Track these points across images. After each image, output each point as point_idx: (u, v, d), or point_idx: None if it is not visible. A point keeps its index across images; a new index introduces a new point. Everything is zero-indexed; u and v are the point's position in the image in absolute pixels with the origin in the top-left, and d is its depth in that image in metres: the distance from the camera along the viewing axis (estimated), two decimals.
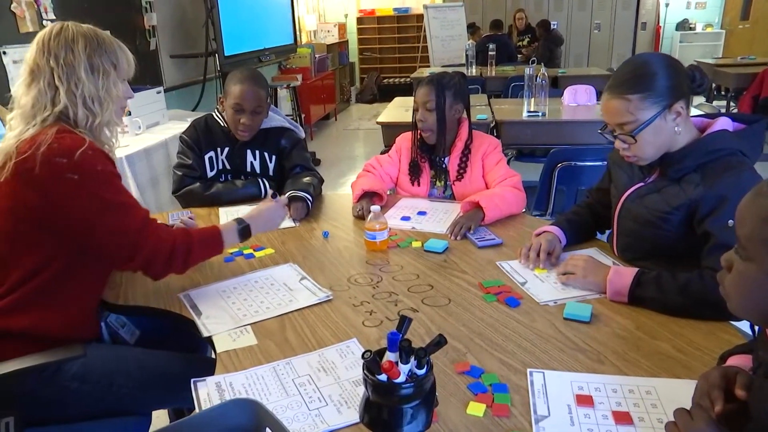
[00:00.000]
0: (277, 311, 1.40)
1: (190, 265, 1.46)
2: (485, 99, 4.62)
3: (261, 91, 2.10)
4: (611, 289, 1.38)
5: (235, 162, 2.21)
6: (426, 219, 1.97)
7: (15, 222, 1.30)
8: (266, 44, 5.70)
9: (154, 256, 1.38)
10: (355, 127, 8.34)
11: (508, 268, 1.58)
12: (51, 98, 1.33)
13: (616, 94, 1.40)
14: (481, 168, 2.11)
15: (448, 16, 8.58)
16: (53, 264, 1.33)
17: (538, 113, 3.83)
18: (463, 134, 2.13)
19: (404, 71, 10.54)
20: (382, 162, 2.27)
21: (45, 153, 1.25)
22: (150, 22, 4.46)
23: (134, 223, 1.36)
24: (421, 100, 2.06)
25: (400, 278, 1.56)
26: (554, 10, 9.54)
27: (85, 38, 1.36)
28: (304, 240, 1.85)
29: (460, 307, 1.40)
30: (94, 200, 1.30)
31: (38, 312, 1.32)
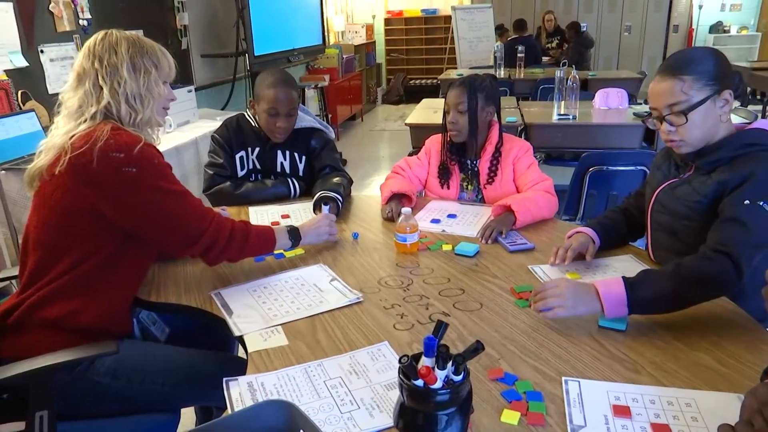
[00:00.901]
0: (307, 312, 1.40)
1: (245, 254, 1.55)
2: (514, 101, 4.59)
3: (293, 93, 2.11)
4: (608, 305, 1.25)
5: (266, 162, 2.22)
6: (456, 222, 1.96)
7: (68, 215, 1.35)
8: (295, 44, 5.74)
9: (216, 240, 1.46)
10: (381, 128, 8.34)
11: (540, 273, 1.56)
12: (96, 97, 1.39)
13: (670, 74, 1.41)
14: (512, 172, 2.09)
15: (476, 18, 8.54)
16: (97, 255, 1.37)
17: (569, 116, 3.79)
18: (494, 137, 2.11)
19: (431, 73, 10.52)
20: (411, 164, 2.26)
21: (102, 148, 1.30)
22: (182, 22, 4.53)
23: (195, 209, 1.44)
24: (453, 101, 2.05)
25: (430, 281, 1.55)
26: (584, 11, 9.42)
27: (128, 41, 1.43)
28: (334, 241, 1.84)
29: (492, 312, 1.38)
30: (155, 191, 1.36)
31: (76, 301, 1.36)
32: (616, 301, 1.26)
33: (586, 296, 1.28)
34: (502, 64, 6.58)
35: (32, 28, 3.19)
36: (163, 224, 1.40)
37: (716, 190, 1.39)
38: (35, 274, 1.38)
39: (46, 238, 1.38)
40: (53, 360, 1.26)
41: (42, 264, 1.38)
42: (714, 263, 1.26)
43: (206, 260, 1.51)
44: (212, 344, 1.70)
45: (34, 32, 3.20)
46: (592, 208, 2.79)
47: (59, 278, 1.36)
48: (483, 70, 6.35)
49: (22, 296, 1.38)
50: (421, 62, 10.82)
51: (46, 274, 1.37)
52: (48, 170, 1.36)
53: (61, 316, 1.35)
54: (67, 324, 1.35)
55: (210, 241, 1.45)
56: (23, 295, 1.38)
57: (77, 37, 3.49)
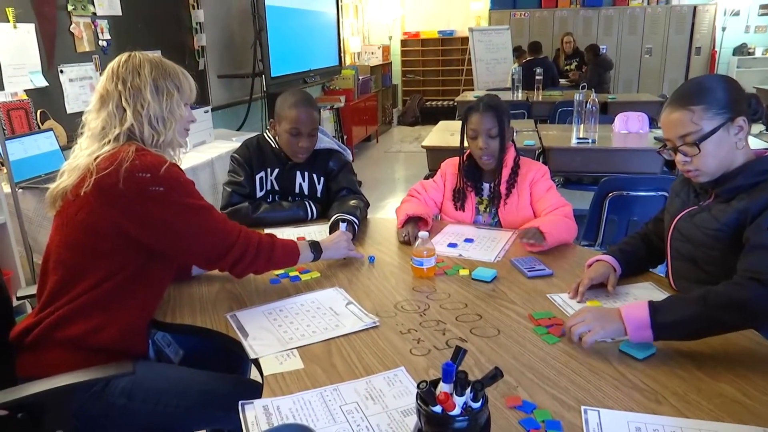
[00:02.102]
0: (323, 335, 1.41)
1: (271, 266, 1.60)
2: (532, 124, 4.61)
3: (315, 113, 2.16)
4: (631, 327, 1.28)
5: (284, 183, 2.26)
6: (473, 246, 1.97)
7: (92, 235, 1.39)
8: (311, 66, 5.84)
9: (244, 253, 1.51)
10: (396, 149, 8.40)
11: (559, 301, 1.57)
12: (119, 119, 1.44)
13: (679, 106, 1.43)
14: (529, 195, 2.11)
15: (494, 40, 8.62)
16: (118, 276, 1.41)
17: (588, 140, 3.80)
18: (510, 160, 2.13)
19: (447, 94, 10.61)
20: (426, 187, 2.29)
21: (128, 169, 1.35)
22: (199, 43, 4.64)
23: (222, 223, 1.50)
24: (484, 127, 2.06)
25: (447, 306, 1.56)
26: (603, 34, 9.48)
27: (151, 64, 1.47)
28: (350, 264, 1.87)
29: (510, 338, 1.39)
30: (182, 207, 1.41)
31: (94, 321, 1.39)
32: (639, 324, 1.28)
33: (610, 318, 1.33)
34: (520, 86, 6.62)
35: (53, 49, 3.29)
36: (192, 239, 1.44)
37: (737, 219, 1.39)
38: (55, 294, 1.41)
39: (68, 258, 1.41)
40: (70, 380, 1.29)
41: (63, 284, 1.41)
42: (744, 289, 1.25)
43: (235, 273, 1.55)
44: (226, 367, 1.72)
45: (55, 52, 3.30)
46: (612, 234, 2.79)
47: (79, 298, 1.39)
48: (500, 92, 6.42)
49: (41, 315, 1.41)
50: (438, 83, 10.92)
51: (66, 293, 1.40)
52: (72, 191, 1.40)
53: (79, 336, 1.38)
54: (85, 343, 1.38)
55: (239, 254, 1.50)
56: (42, 314, 1.41)
57: (96, 58, 3.58)
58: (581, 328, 1.33)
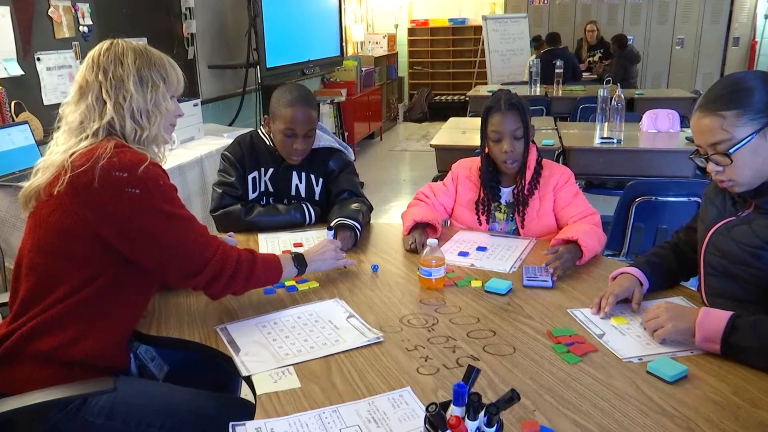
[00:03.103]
0: (322, 351, 1.41)
1: (251, 286, 1.57)
2: (551, 122, 4.61)
3: (313, 112, 2.15)
4: (701, 334, 1.34)
5: (279, 184, 2.26)
6: (486, 256, 1.97)
7: (65, 238, 1.39)
8: (310, 56, 5.86)
9: (220, 271, 1.48)
10: (402, 148, 8.42)
11: (581, 317, 1.56)
12: (99, 112, 1.43)
13: (709, 110, 1.41)
14: (552, 201, 2.11)
15: (510, 29, 8.64)
16: (95, 283, 1.41)
17: (613, 140, 3.80)
18: (532, 162, 2.13)
19: (458, 88, 10.63)
20: (436, 190, 2.29)
21: (104, 167, 1.35)
22: (189, 30, 4.66)
23: (200, 237, 1.47)
24: (509, 128, 2.05)
25: (458, 321, 1.56)
26: (630, 23, 9.49)
27: (135, 52, 1.47)
28: (352, 273, 1.87)
29: (527, 357, 1.39)
30: (158, 214, 1.40)
31: (70, 332, 1.39)
32: (710, 335, 1.32)
33: (685, 317, 1.38)
34: (538, 80, 6.63)
35: (30, 35, 3.30)
36: (164, 251, 1.43)
37: None
38: (28, 302, 1.42)
39: (41, 263, 1.41)
40: (45, 396, 1.29)
41: (35, 291, 1.41)
42: None
43: (209, 293, 1.53)
44: (215, 384, 1.72)
45: (32, 39, 3.32)
46: (638, 243, 2.79)
47: (54, 307, 1.39)
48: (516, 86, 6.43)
49: (13, 326, 1.41)
50: (448, 77, 10.94)
51: (40, 302, 1.40)
52: (46, 190, 1.40)
53: (54, 348, 1.38)
54: (61, 357, 1.38)
55: (214, 272, 1.47)
56: (14, 325, 1.41)
57: (76, 45, 3.60)
58: (653, 325, 1.41)
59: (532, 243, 2.07)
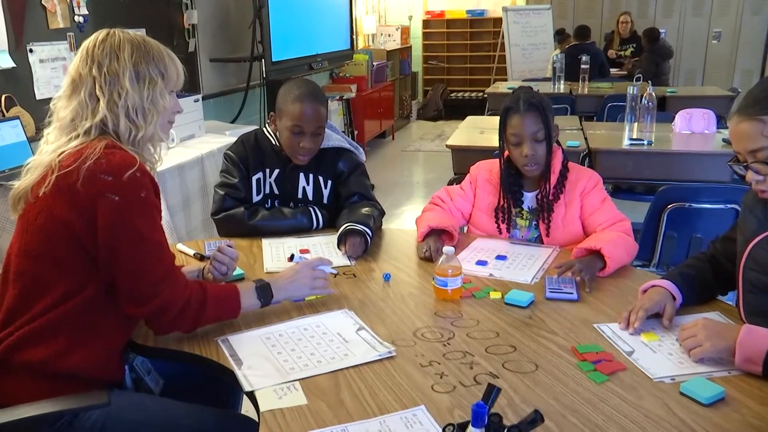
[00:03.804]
0: (330, 366, 1.41)
1: (199, 325, 1.53)
2: (576, 121, 4.60)
3: (322, 109, 2.16)
4: (742, 354, 1.33)
5: (285, 186, 2.27)
6: (506, 265, 1.97)
7: (52, 242, 1.39)
8: (319, 49, 5.88)
9: (167, 307, 1.45)
10: (415, 148, 8.43)
11: (608, 333, 1.55)
12: (92, 109, 1.44)
13: (748, 115, 1.40)
14: (579, 207, 2.10)
15: (532, 21, 8.64)
16: (86, 290, 1.41)
17: (643, 141, 3.79)
18: (557, 165, 2.12)
19: (475, 84, 10.63)
20: (453, 195, 2.29)
21: (91, 168, 1.35)
22: (190, 21, 4.68)
23: (161, 266, 1.45)
24: (529, 131, 2.04)
25: (475, 335, 1.56)
26: (662, 15, 9.45)
27: (132, 45, 1.47)
28: (362, 283, 1.87)
29: (550, 375, 1.38)
30: (127, 229, 1.39)
31: (61, 343, 1.40)
32: (752, 356, 1.31)
33: (725, 335, 1.37)
34: (562, 77, 6.61)
35: (22, 24, 3.33)
36: (119, 268, 1.40)
37: None
38: (15, 310, 1.42)
39: (29, 269, 1.42)
40: (34, 411, 1.30)
41: (23, 298, 1.42)
42: None
43: (152, 328, 1.51)
44: (214, 399, 1.72)
45: (24, 29, 3.34)
46: (670, 253, 2.77)
47: (42, 316, 1.40)
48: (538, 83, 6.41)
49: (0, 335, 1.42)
50: (465, 72, 10.95)
51: (28, 310, 1.41)
52: (33, 191, 1.41)
53: (44, 359, 1.39)
54: (51, 369, 1.39)
55: (160, 306, 1.44)
56: (1, 334, 1.42)
57: (71, 36, 3.63)
58: (690, 344, 1.39)
59: (555, 252, 2.06)
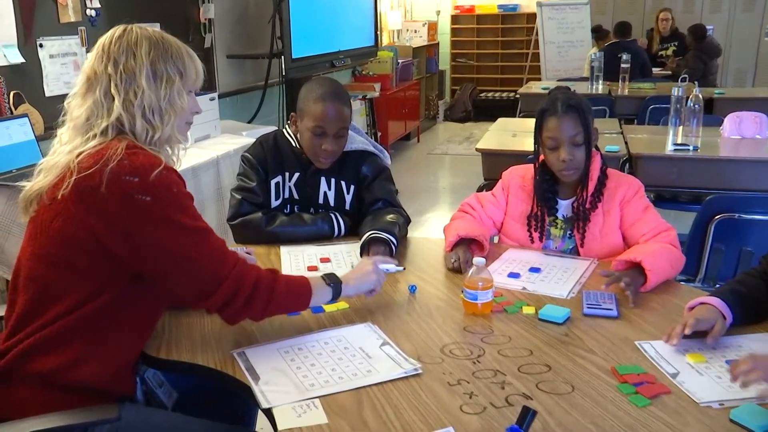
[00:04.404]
0: (352, 383, 1.42)
1: (271, 311, 1.57)
2: (616, 124, 4.58)
3: (346, 109, 2.17)
4: None
5: (306, 191, 2.28)
6: (541, 278, 1.96)
7: (68, 247, 1.41)
8: (341, 46, 5.91)
9: (237, 292, 1.48)
10: (441, 151, 8.43)
11: (651, 352, 1.54)
12: (107, 108, 1.46)
13: None
14: (619, 217, 2.09)
15: (568, 17, 8.61)
16: (100, 298, 1.43)
17: (689, 147, 3.75)
18: (595, 171, 2.11)
19: (507, 84, 10.61)
20: (483, 202, 2.29)
21: (114, 170, 1.37)
22: (206, 15, 4.73)
23: (215, 252, 1.48)
24: (567, 134, 2.03)
25: (507, 353, 1.55)
26: (710, 11, 9.36)
27: (150, 42, 1.49)
28: (386, 294, 1.87)
29: (588, 398, 1.37)
30: (169, 225, 1.41)
31: (71, 352, 1.41)
32: None
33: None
34: (601, 77, 6.57)
35: (32, 18, 3.39)
36: (174, 267, 1.44)
37: None
38: (25, 317, 1.45)
39: (41, 274, 1.44)
40: (42, 424, 1.32)
41: (34, 305, 1.44)
42: None
43: (224, 317, 1.53)
44: (229, 415, 1.74)
45: (34, 23, 3.40)
46: (717, 268, 2.74)
47: (53, 323, 1.42)
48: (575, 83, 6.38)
49: (8, 343, 1.44)
50: (495, 71, 10.93)
51: (39, 317, 1.43)
52: (49, 193, 1.43)
53: (53, 370, 1.40)
54: (60, 380, 1.41)
55: (229, 293, 1.47)
56: (9, 342, 1.44)
57: (83, 30, 3.69)
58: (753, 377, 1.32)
59: (593, 264, 2.05)
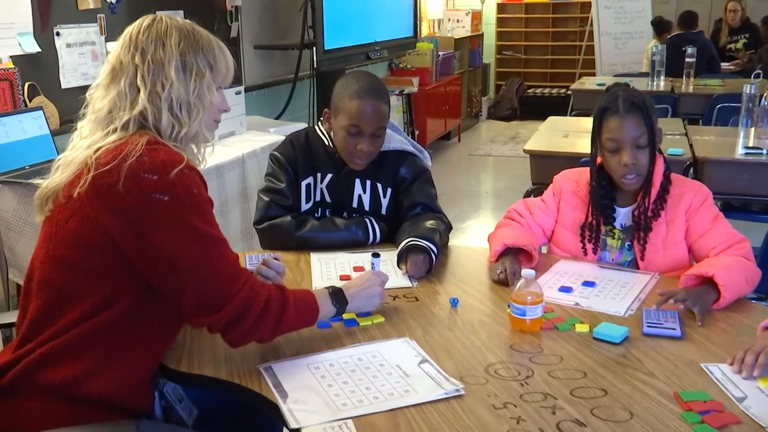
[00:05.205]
0: (388, 404, 1.42)
1: (280, 332, 1.56)
2: (680, 125, 4.54)
3: (384, 107, 2.18)
4: None
5: (339, 194, 2.29)
6: (595, 293, 1.95)
7: (83, 249, 1.44)
8: (377, 36, 5.94)
9: (246, 309, 1.47)
10: (484, 152, 8.41)
11: (718, 375, 1.52)
12: (131, 101, 1.48)
13: None
14: (684, 227, 2.07)
15: (627, 6, 8.53)
16: (117, 304, 1.45)
17: (761, 150, 3.71)
18: (658, 177, 2.09)
19: (557, 79, 10.55)
20: (532, 208, 2.28)
21: (133, 166, 1.39)
22: (233, 2, 4.79)
23: (229, 265, 1.48)
24: (630, 135, 2.01)
25: (558, 375, 1.54)
26: None
27: (180, 32, 1.52)
28: (425, 308, 1.87)
29: (648, 426, 1.35)
30: (184, 229, 1.42)
31: (86, 363, 1.44)
32: None
33: None
34: (662, 72, 6.49)
35: (49, 4, 3.45)
36: (183, 275, 1.43)
37: None
38: (37, 324, 1.47)
39: (55, 278, 1.47)
40: None
41: (47, 311, 1.47)
42: None
43: (229, 338, 1.52)
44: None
45: (51, 10, 3.46)
46: None
47: (67, 331, 1.44)
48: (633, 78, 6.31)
49: (20, 351, 1.47)
50: (545, 65, 10.88)
51: (51, 324, 1.45)
52: (65, 191, 1.45)
53: (66, 381, 1.42)
54: (74, 392, 1.43)
55: (237, 311, 1.46)
56: (21, 350, 1.47)
57: (102, 18, 3.75)
58: None
59: (654, 279, 2.03)
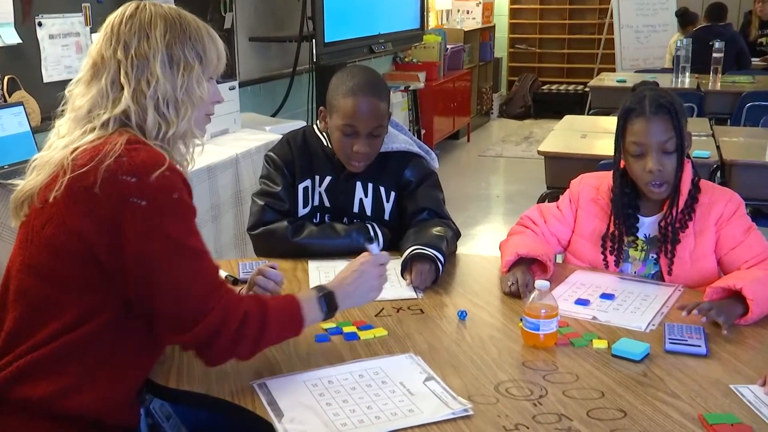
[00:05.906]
0: (391, 424, 1.41)
1: (260, 348, 1.55)
2: (706, 125, 4.54)
3: (381, 104, 2.17)
4: None
5: (339, 198, 2.30)
6: (614, 306, 1.95)
7: (62, 257, 1.43)
8: (381, 28, 5.94)
9: (221, 327, 1.45)
10: (495, 152, 8.42)
11: (749, 396, 1.52)
12: (113, 100, 1.48)
13: None
14: (714, 239, 2.07)
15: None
16: (99, 316, 1.44)
17: None
18: (686, 183, 2.08)
19: (575, 75, 10.56)
20: (546, 215, 2.28)
21: (111, 168, 1.38)
22: None
23: (206, 279, 1.47)
24: (657, 139, 2.01)
25: (574, 394, 1.54)
26: None
27: (166, 22, 1.50)
28: (431, 321, 1.88)
29: None
30: (161, 239, 1.41)
31: (67, 378, 1.43)
32: None
33: None
34: (687, 68, 6.49)
35: None
36: (156, 288, 1.42)
37: None
38: (14, 337, 1.46)
39: (32, 288, 1.46)
40: None
41: (24, 323, 1.46)
42: None
43: (203, 357, 1.50)
44: None
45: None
46: None
47: (46, 345, 1.43)
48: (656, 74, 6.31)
49: None
50: (561, 59, 10.91)
51: (29, 337, 1.45)
52: (40, 195, 1.45)
53: (46, 397, 1.42)
54: (55, 408, 1.43)
55: (212, 329, 1.44)
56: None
57: (87, 7, 3.74)
58: None
59: (678, 292, 2.03)
